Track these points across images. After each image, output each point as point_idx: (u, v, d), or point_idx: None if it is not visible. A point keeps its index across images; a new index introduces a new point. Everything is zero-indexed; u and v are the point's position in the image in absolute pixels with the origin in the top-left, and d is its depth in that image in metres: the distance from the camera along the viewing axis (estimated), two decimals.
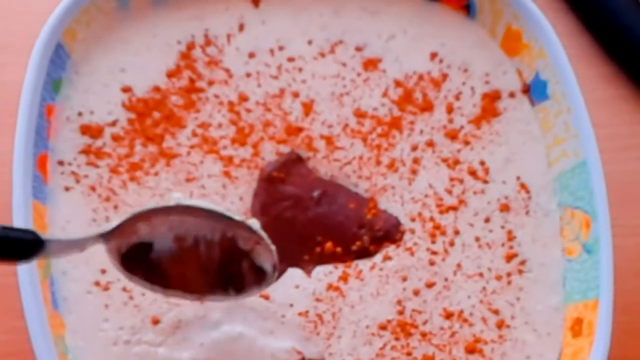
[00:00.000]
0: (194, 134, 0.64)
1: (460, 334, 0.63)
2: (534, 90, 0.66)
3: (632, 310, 0.69)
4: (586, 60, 0.73)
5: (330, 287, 0.63)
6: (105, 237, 0.56)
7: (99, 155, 0.63)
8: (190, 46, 0.66)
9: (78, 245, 0.55)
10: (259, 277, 0.59)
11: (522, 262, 0.64)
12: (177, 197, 0.57)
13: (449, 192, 0.65)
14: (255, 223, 0.58)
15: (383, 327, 0.63)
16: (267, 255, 0.58)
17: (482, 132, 0.66)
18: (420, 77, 0.67)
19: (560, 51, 0.64)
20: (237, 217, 0.57)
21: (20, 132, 0.59)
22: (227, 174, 0.64)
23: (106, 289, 0.62)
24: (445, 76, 0.67)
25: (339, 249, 0.64)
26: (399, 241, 0.64)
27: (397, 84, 0.66)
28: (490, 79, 0.67)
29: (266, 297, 0.62)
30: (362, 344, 0.62)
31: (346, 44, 0.67)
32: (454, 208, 0.65)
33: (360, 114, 0.66)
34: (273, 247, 0.58)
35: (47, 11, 0.62)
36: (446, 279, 0.64)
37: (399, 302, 0.63)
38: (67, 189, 0.63)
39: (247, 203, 0.64)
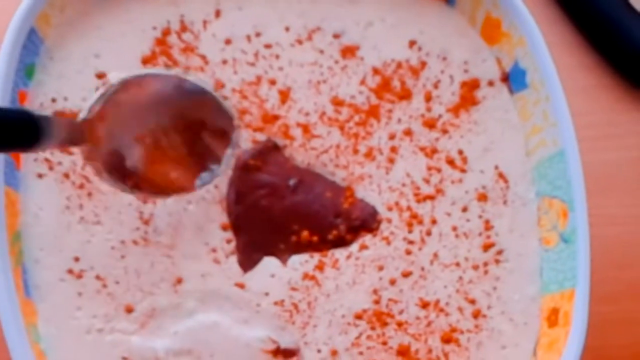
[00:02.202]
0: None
1: (437, 323, 0.63)
2: (513, 79, 0.66)
3: (609, 300, 0.68)
4: (566, 49, 0.72)
5: (306, 276, 0.63)
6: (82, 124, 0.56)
7: None
8: (166, 32, 0.65)
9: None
10: (225, 139, 0.60)
11: (499, 252, 0.64)
12: (116, 74, 0.56)
13: (427, 181, 0.65)
14: (192, 75, 0.59)
15: (359, 317, 0.62)
16: (218, 110, 0.59)
17: (461, 120, 0.66)
18: (399, 65, 0.66)
19: (539, 40, 0.63)
20: (172, 72, 0.58)
21: None
22: None
23: (79, 276, 0.61)
24: (423, 64, 0.66)
25: (315, 238, 0.63)
26: (376, 230, 0.64)
27: (375, 71, 0.66)
28: (469, 68, 0.67)
29: (241, 286, 0.62)
30: (338, 334, 0.62)
31: (324, 31, 0.66)
32: (432, 197, 0.65)
33: (337, 102, 0.65)
34: (216, 95, 0.59)
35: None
36: (423, 269, 0.64)
37: (375, 292, 0.63)
38: (40, 175, 0.62)
39: (222, 191, 0.63)
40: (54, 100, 0.63)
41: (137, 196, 0.60)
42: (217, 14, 0.66)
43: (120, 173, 0.58)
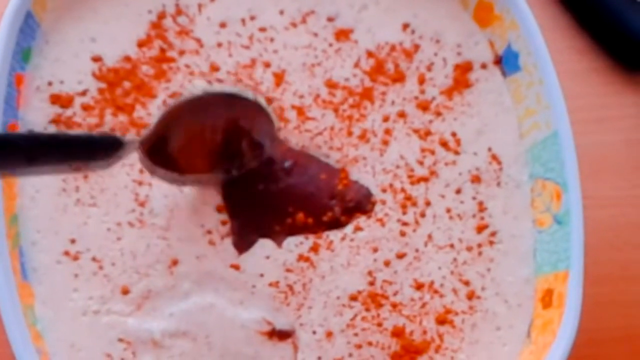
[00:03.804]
0: (165, 104, 0.64)
1: (431, 305, 0.63)
2: (506, 62, 0.66)
3: (603, 282, 0.69)
4: (559, 32, 0.72)
5: (301, 257, 0.63)
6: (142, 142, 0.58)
7: (69, 124, 0.63)
8: (161, 15, 0.65)
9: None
10: (257, 152, 0.61)
11: (493, 234, 0.64)
12: (200, 84, 0.58)
13: (421, 163, 0.65)
14: (262, 99, 0.61)
15: (354, 298, 0.63)
16: (267, 128, 0.61)
17: (454, 103, 0.66)
18: (392, 48, 0.66)
19: (532, 22, 0.64)
20: (249, 95, 0.60)
21: None
22: None
23: (76, 258, 0.61)
24: (417, 47, 0.67)
25: (309, 220, 0.63)
26: (370, 212, 0.64)
27: (369, 54, 0.66)
28: (462, 50, 0.67)
29: (236, 268, 0.62)
30: (333, 315, 0.62)
31: (318, 14, 0.66)
32: (425, 179, 0.65)
33: (331, 85, 0.65)
34: (274, 117, 0.61)
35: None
36: (417, 250, 0.64)
37: (370, 273, 0.63)
38: None
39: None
40: (50, 83, 0.63)
41: (162, 177, 0.61)
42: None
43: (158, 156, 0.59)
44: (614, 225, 0.70)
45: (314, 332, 0.62)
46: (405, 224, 0.64)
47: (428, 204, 0.64)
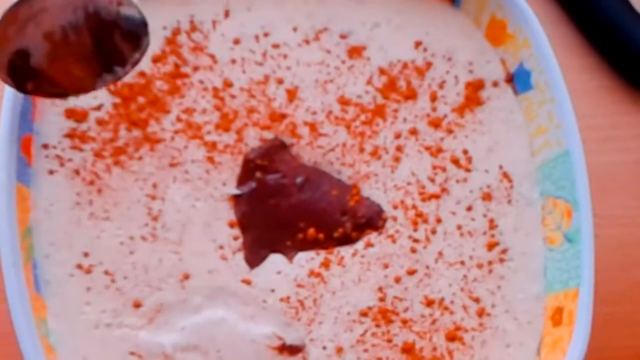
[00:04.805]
0: (179, 119, 0.65)
1: (441, 321, 0.63)
2: (518, 80, 0.67)
3: (613, 301, 0.69)
4: (570, 50, 0.73)
5: (312, 273, 0.63)
6: None
7: (83, 139, 0.64)
8: (176, 32, 0.66)
9: None
10: (135, 44, 0.58)
11: (504, 251, 0.65)
12: None
13: (432, 180, 0.65)
14: None
15: (364, 314, 0.63)
16: (132, 13, 0.57)
17: (466, 120, 0.66)
18: (405, 66, 0.67)
19: (544, 41, 0.64)
20: None
21: (5, 114, 0.59)
22: (210, 159, 0.64)
23: (88, 272, 0.62)
24: (429, 65, 0.67)
25: (321, 235, 0.64)
26: (381, 228, 0.64)
27: (382, 72, 0.66)
28: (474, 68, 0.67)
29: (248, 282, 0.63)
30: (343, 330, 0.63)
31: (331, 31, 0.67)
32: (437, 196, 0.65)
33: (344, 102, 0.66)
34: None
35: None
36: (427, 267, 0.64)
37: (380, 289, 0.63)
38: (51, 172, 0.63)
39: (230, 189, 0.64)
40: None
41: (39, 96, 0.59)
42: (226, 14, 0.67)
43: (23, 75, 0.57)
44: (624, 245, 0.70)
45: (324, 348, 0.62)
46: (416, 240, 0.64)
47: (439, 220, 0.65)
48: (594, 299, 0.61)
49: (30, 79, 0.57)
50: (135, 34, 0.58)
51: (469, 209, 0.65)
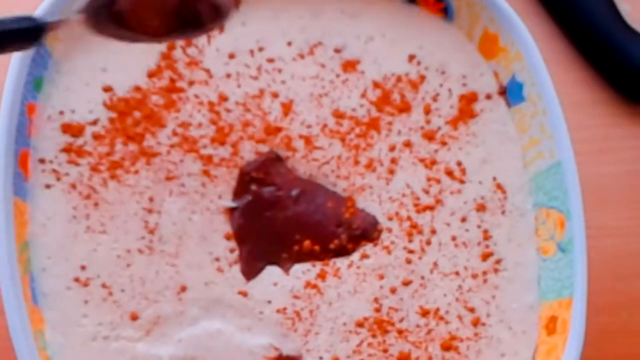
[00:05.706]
0: (174, 133, 0.65)
1: (436, 331, 0.64)
2: (510, 92, 0.67)
3: (607, 311, 0.69)
4: (562, 64, 0.73)
5: (308, 284, 0.64)
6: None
7: (79, 153, 0.64)
8: (171, 47, 0.66)
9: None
10: (215, 16, 0.59)
11: (498, 261, 0.65)
12: None
13: (426, 191, 0.66)
14: None
15: (360, 325, 0.63)
16: None
17: (459, 133, 0.67)
18: (399, 79, 0.67)
19: (536, 54, 0.65)
20: None
21: (1, 129, 0.60)
22: (206, 172, 0.65)
23: (85, 284, 0.62)
24: (423, 78, 0.68)
25: (317, 247, 0.64)
26: (377, 240, 0.65)
27: (376, 85, 0.67)
28: (467, 81, 0.68)
29: (244, 294, 0.63)
30: (339, 341, 0.63)
31: (325, 45, 0.67)
32: (431, 207, 0.66)
33: (338, 115, 0.66)
34: None
35: (29, 10, 0.62)
36: (423, 277, 0.64)
37: (376, 300, 0.64)
38: (47, 186, 0.63)
39: (226, 202, 0.64)
40: (61, 112, 0.64)
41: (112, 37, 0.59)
42: (221, 29, 0.67)
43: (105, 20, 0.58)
44: (618, 255, 0.71)
45: (321, 358, 0.63)
46: (411, 251, 0.65)
47: (433, 232, 0.65)
48: (588, 309, 0.61)
49: (107, 23, 0.58)
50: (219, 8, 0.59)
51: (463, 220, 0.66)
